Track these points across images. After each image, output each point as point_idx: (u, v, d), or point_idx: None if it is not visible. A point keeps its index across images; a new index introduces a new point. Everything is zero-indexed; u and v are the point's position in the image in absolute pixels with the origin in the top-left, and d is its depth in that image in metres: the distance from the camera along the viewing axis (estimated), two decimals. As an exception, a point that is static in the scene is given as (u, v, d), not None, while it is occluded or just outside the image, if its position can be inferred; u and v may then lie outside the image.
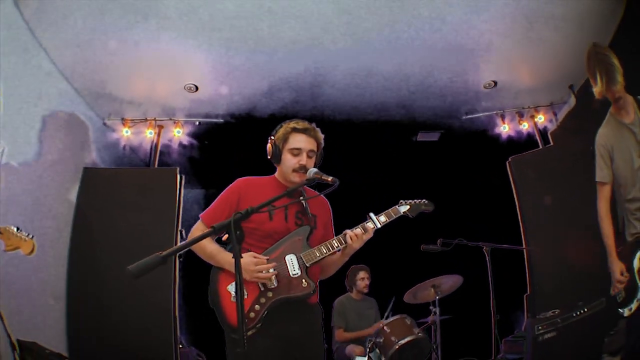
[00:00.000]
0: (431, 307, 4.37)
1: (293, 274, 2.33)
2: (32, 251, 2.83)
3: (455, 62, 4.81)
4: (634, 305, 2.92)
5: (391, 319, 4.03)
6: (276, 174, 2.60)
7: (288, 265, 2.33)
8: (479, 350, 5.34)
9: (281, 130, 2.54)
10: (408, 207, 2.62)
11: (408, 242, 4.91)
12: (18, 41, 4.17)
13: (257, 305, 2.27)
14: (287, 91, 5.14)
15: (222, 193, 2.51)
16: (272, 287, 2.30)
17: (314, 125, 2.60)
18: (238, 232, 1.78)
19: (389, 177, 5.65)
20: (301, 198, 2.47)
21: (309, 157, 2.49)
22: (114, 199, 5.22)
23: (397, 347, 3.83)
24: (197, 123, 5.74)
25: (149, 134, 5.76)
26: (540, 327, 3.71)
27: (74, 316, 4.98)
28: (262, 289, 2.31)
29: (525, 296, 5.58)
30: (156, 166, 5.86)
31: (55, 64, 4.72)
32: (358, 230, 2.41)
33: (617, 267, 3.00)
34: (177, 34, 4.36)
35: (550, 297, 5.05)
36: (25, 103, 4.38)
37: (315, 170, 2.35)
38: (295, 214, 2.48)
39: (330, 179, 2.27)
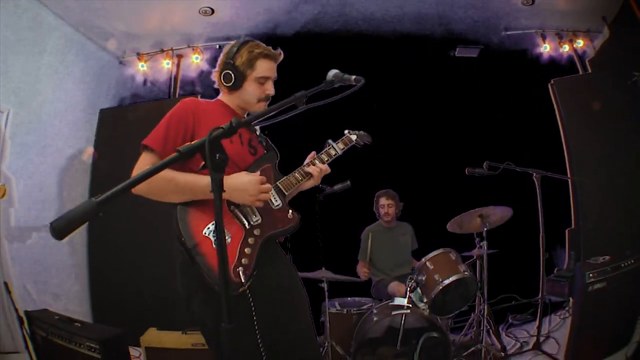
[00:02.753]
0: (477, 240, 3.62)
1: (276, 205, 1.86)
2: (3, 195, 3.10)
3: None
4: None
5: (434, 253, 3.18)
6: (224, 99, 2.02)
7: (272, 198, 1.85)
8: (519, 287, 4.66)
9: (245, 54, 1.92)
10: (355, 136, 2.19)
11: (450, 165, 4.17)
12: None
13: (247, 249, 1.71)
14: (310, 5, 4.30)
15: (168, 114, 1.86)
16: (257, 222, 1.78)
17: (279, 50, 2.02)
18: (218, 155, 1.16)
19: (425, 94, 4.88)
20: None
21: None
22: (134, 137, 4.51)
23: (440, 287, 3.03)
24: (217, 47, 4.89)
25: (166, 64, 4.97)
26: (590, 275, 3.03)
27: (97, 269, 4.56)
28: (247, 226, 1.74)
29: (567, 231, 4.88)
30: (177, 96, 5.10)
31: (60, 16, 4.17)
32: (324, 165, 2.01)
33: None
34: None
35: (596, 237, 4.36)
36: (31, 57, 3.92)
37: (337, 71, 1.71)
38: (248, 141, 1.94)
39: (353, 78, 1.69)
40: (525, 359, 3.50)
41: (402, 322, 2.90)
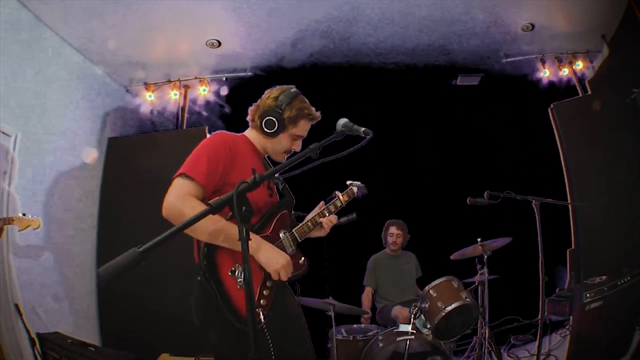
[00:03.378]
0: (478, 266, 3.87)
1: (290, 252, 2.02)
2: (39, 226, 3.31)
3: (493, 2, 4.24)
4: None
5: (437, 281, 3.43)
6: (251, 137, 2.16)
7: (284, 243, 2.02)
8: (521, 308, 4.90)
9: (294, 111, 2.07)
10: (356, 188, 2.39)
11: (449, 194, 4.44)
12: (20, 26, 3.90)
13: (265, 291, 1.91)
14: (316, 38, 4.56)
15: (206, 145, 1.98)
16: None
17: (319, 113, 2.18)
18: (244, 208, 1.32)
19: (427, 124, 5.12)
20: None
21: None
22: (142, 166, 4.79)
23: (443, 314, 3.26)
24: (224, 79, 5.18)
25: (174, 95, 5.24)
26: (587, 295, 3.30)
27: (105, 291, 4.70)
28: (265, 271, 1.90)
29: (568, 251, 5.10)
30: (184, 127, 5.39)
31: (67, 41, 4.44)
32: (333, 216, 2.23)
33: None
34: None
35: (595, 256, 4.53)
36: (38, 84, 4.12)
37: (345, 121, 1.85)
38: (267, 183, 2.07)
39: (362, 130, 1.82)
40: None
41: (407, 347, 3.13)
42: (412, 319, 3.25)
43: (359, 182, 2.43)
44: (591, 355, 3.33)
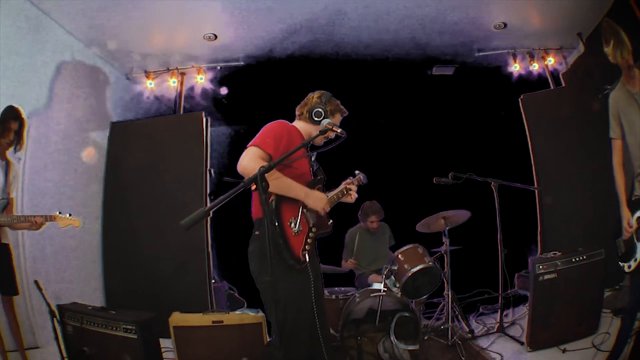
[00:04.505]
0: (443, 238, 4.68)
1: (324, 214, 2.85)
2: (79, 225, 3.66)
3: (468, 2, 4.93)
4: (633, 264, 3.07)
5: (405, 248, 4.28)
6: (299, 126, 2.98)
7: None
8: (493, 282, 5.68)
9: (333, 105, 3.00)
10: (363, 175, 3.25)
11: (422, 175, 5.15)
12: (24, 17, 4.44)
13: (309, 239, 2.73)
14: (304, 32, 5.31)
15: (273, 128, 2.77)
16: (315, 224, 2.78)
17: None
18: (263, 183, 2.07)
19: (404, 110, 5.93)
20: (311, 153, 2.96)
21: None
22: (144, 149, 5.58)
23: (409, 274, 4.09)
24: (218, 68, 6.00)
25: (173, 83, 6.05)
26: (540, 267, 3.93)
27: (110, 266, 5.51)
28: (310, 225, 2.75)
29: (539, 232, 5.88)
30: (182, 112, 6.17)
31: (71, 33, 5.08)
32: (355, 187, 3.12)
33: (625, 215, 3.15)
34: None
35: (560, 238, 5.38)
36: (44, 75, 4.75)
37: (328, 121, 2.75)
38: (310, 163, 2.99)
39: (339, 130, 2.70)
40: (490, 340, 4.41)
41: (380, 303, 3.93)
42: (383, 279, 4.05)
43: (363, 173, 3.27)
44: (550, 324, 3.96)
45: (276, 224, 2.59)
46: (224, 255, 6.15)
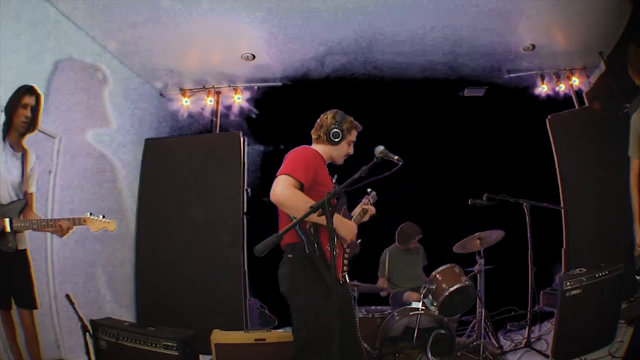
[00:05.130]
0: (477, 257, 4.95)
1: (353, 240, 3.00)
2: (114, 228, 3.55)
3: (498, 25, 5.22)
4: None
5: (442, 267, 4.60)
6: (319, 149, 3.12)
7: None
8: (520, 300, 5.89)
9: (347, 123, 3.13)
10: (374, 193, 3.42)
11: (452, 195, 5.54)
12: (60, 34, 4.65)
13: (345, 261, 2.95)
14: (339, 54, 5.64)
15: (302, 154, 2.95)
16: (347, 246, 2.97)
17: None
18: (330, 208, 2.34)
19: (436, 133, 6.23)
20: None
21: None
22: (179, 166, 5.86)
23: (447, 293, 4.41)
24: (256, 88, 6.32)
25: (209, 101, 6.34)
26: (568, 283, 4.16)
27: (143, 283, 5.73)
28: (345, 247, 2.95)
29: (563, 250, 6.12)
30: (218, 131, 6.45)
31: (106, 48, 5.31)
32: (372, 208, 3.28)
33: (638, 233, 3.34)
34: (231, 6, 4.74)
35: (583, 254, 5.62)
36: (77, 89, 4.91)
37: (382, 148, 2.84)
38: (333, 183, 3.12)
39: (395, 157, 2.82)
40: (518, 355, 4.67)
41: (417, 321, 4.20)
42: (422, 298, 4.33)
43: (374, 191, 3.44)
44: (575, 337, 4.21)
45: (315, 246, 2.76)
46: (255, 273, 6.41)
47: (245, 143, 5.87)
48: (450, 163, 6.50)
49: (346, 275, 2.92)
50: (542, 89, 6.26)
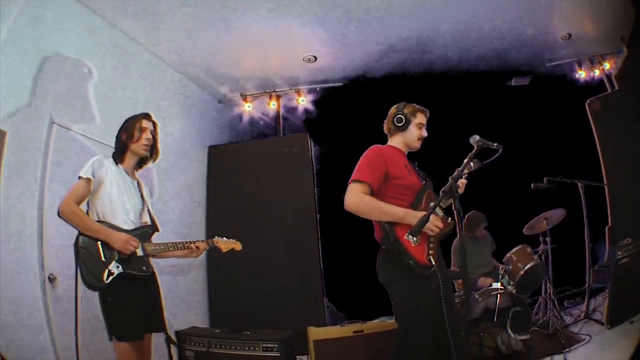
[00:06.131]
0: (540, 238, 5.45)
1: (440, 215, 3.11)
2: (240, 248, 3.74)
3: (538, 16, 5.67)
4: None
5: (515, 249, 5.09)
6: (394, 143, 3.41)
7: (436, 211, 3.04)
8: (572, 279, 6.36)
9: (409, 108, 3.38)
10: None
11: (506, 180, 5.95)
12: (116, 46, 4.92)
13: (431, 244, 3.12)
14: (397, 53, 6.01)
15: (364, 157, 3.21)
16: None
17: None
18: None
19: (489, 120, 6.63)
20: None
21: None
22: (246, 171, 6.11)
23: (522, 272, 4.89)
24: (317, 89, 6.68)
25: (272, 105, 6.68)
26: (619, 253, 4.71)
27: (216, 291, 6.04)
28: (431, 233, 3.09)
29: (607, 228, 6.53)
30: (282, 134, 6.76)
31: (159, 56, 5.56)
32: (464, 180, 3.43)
33: None
34: (287, 10, 5.01)
35: (626, 229, 5.89)
36: (130, 99, 5.02)
37: (478, 137, 2.97)
38: (416, 172, 3.37)
39: (494, 145, 2.96)
40: (579, 326, 5.21)
41: (498, 300, 4.64)
42: (500, 278, 4.78)
43: None
44: (624, 303, 4.75)
45: (392, 240, 3.02)
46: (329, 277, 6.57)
47: (312, 144, 6.19)
48: (507, 150, 6.83)
49: (432, 259, 3.07)
50: (580, 74, 6.77)
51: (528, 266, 4.91)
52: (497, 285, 4.77)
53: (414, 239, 3.03)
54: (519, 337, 4.60)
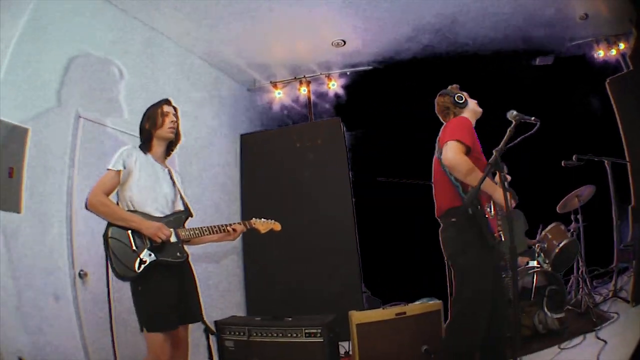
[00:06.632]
0: (573, 216, 5.55)
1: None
2: (280, 229, 3.74)
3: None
4: None
5: (550, 226, 5.20)
6: (466, 115, 3.50)
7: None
8: (599, 259, 6.41)
9: (455, 90, 3.60)
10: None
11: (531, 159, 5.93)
12: (145, 40, 5.04)
13: (499, 221, 3.40)
14: (425, 34, 6.07)
15: (463, 123, 3.33)
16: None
17: None
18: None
19: (516, 98, 6.78)
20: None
21: None
22: (278, 158, 6.21)
23: (557, 250, 5.00)
24: (347, 73, 6.76)
25: (303, 91, 6.77)
26: None
27: (252, 279, 6.15)
28: (499, 209, 3.34)
29: (630, 207, 6.73)
30: (312, 120, 6.87)
31: (188, 48, 5.68)
32: None
33: None
34: None
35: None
36: (160, 91, 4.89)
37: (515, 112, 3.02)
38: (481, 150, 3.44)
39: (532, 119, 3.03)
40: (607, 305, 5.32)
41: (534, 279, 4.74)
42: (536, 256, 4.88)
43: None
44: None
45: (479, 208, 3.13)
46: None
47: (344, 128, 6.25)
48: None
49: (502, 233, 3.31)
50: (599, 54, 6.90)
51: (562, 243, 5.02)
52: (534, 263, 4.86)
53: (491, 211, 3.31)
54: (555, 316, 4.71)
